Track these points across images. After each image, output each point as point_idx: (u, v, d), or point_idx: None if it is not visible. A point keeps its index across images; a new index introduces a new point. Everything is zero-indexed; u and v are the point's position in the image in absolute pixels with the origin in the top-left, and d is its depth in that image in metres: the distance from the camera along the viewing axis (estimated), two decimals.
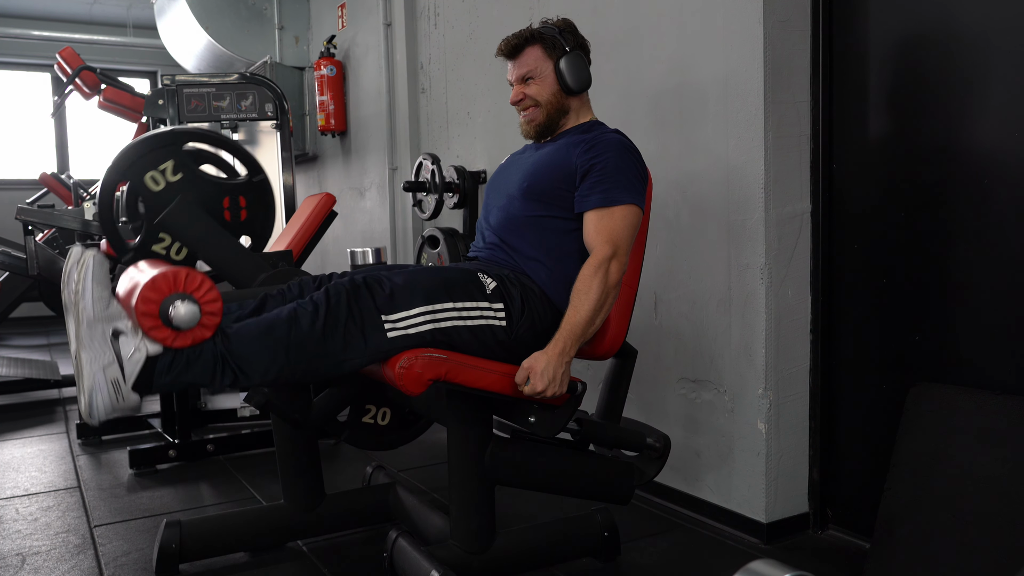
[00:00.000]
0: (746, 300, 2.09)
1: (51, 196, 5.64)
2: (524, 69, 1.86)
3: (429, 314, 1.60)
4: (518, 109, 1.90)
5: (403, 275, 1.64)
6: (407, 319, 1.58)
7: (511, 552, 1.82)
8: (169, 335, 1.46)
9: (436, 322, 1.61)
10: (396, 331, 1.57)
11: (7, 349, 5.59)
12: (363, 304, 1.56)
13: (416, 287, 1.61)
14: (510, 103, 1.90)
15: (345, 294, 1.56)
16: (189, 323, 1.45)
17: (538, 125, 1.88)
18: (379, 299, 1.57)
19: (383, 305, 1.57)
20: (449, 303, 1.63)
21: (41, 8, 7.06)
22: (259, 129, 3.75)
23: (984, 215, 1.77)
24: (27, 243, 3.11)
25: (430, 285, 1.62)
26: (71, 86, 4.34)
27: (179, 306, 1.44)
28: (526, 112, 1.88)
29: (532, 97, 1.86)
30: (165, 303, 1.44)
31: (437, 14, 3.54)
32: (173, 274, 1.46)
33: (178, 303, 1.44)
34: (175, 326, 1.45)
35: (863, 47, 2.00)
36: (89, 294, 1.44)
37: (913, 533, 1.68)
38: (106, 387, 1.45)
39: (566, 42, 1.84)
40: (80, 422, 3.23)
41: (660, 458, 1.88)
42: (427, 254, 3.27)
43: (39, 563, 2.04)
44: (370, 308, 1.56)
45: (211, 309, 1.48)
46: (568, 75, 1.83)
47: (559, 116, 1.88)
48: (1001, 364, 1.75)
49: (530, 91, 1.86)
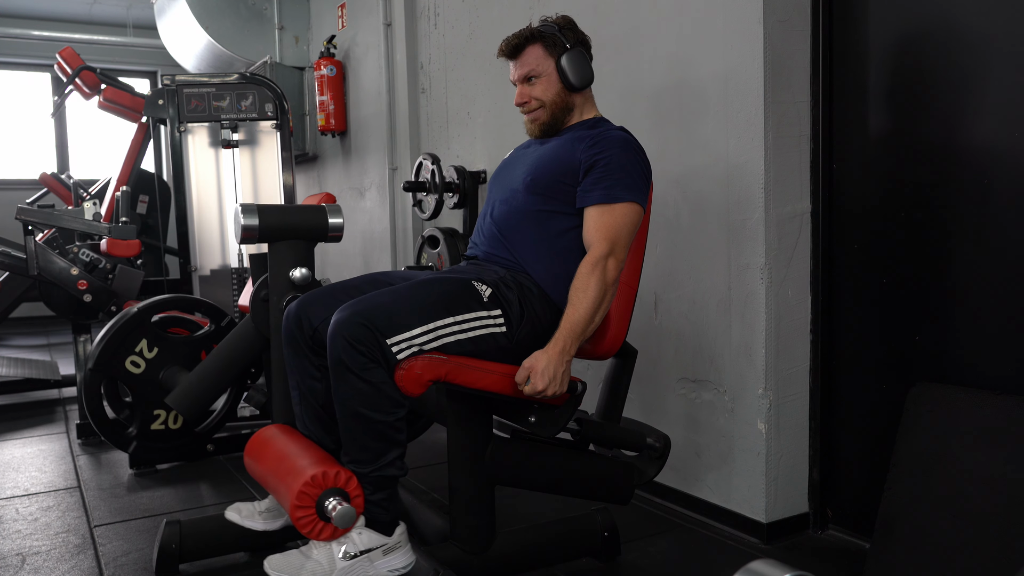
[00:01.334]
0: (746, 300, 2.09)
1: (51, 196, 5.63)
2: (526, 69, 1.85)
3: (431, 332, 1.60)
4: (522, 110, 1.90)
5: (399, 293, 1.63)
6: (411, 339, 1.58)
7: (511, 552, 1.82)
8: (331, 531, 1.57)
9: (439, 339, 1.61)
10: (403, 352, 1.57)
11: (7, 349, 5.59)
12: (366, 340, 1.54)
13: (414, 306, 1.60)
14: (515, 104, 1.90)
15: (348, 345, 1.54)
16: (350, 521, 1.55)
17: (543, 124, 1.88)
18: (378, 324, 1.55)
19: (383, 328, 1.55)
20: (449, 318, 1.63)
21: (41, 8, 7.06)
22: (259, 129, 3.74)
23: (984, 215, 1.77)
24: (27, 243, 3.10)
25: (428, 302, 1.62)
26: (71, 86, 4.34)
27: (335, 514, 1.52)
28: (531, 113, 1.88)
29: (537, 98, 1.86)
30: (320, 510, 1.54)
31: (437, 14, 3.54)
32: (313, 481, 1.54)
33: (331, 508, 1.53)
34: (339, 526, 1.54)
35: (863, 46, 2.00)
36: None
37: (913, 533, 1.67)
38: (392, 559, 1.61)
39: (567, 39, 1.83)
40: (80, 422, 3.23)
41: (660, 458, 1.88)
42: (427, 254, 3.27)
43: (39, 563, 2.04)
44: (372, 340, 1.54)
45: (354, 487, 1.57)
46: (570, 72, 1.83)
47: (563, 114, 1.87)
48: (1001, 364, 1.74)
49: (535, 92, 1.85)
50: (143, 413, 2.61)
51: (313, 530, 1.54)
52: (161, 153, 5.72)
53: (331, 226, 2.02)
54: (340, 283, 1.83)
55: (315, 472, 1.54)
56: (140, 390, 2.59)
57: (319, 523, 1.54)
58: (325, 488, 1.54)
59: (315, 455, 1.64)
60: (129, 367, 2.56)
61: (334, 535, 1.56)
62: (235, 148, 3.69)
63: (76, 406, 3.38)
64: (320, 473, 1.54)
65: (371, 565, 1.59)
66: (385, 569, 1.60)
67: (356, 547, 1.58)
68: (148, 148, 4.51)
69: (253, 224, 1.93)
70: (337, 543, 1.58)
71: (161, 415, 2.65)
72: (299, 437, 1.77)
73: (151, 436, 2.67)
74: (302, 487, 1.53)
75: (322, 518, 1.54)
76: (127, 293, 3.25)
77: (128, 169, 4.43)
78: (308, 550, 1.60)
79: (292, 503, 1.53)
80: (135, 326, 2.54)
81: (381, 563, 1.60)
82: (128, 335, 2.54)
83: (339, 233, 2.04)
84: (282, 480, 1.61)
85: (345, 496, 1.55)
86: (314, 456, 1.64)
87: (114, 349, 2.53)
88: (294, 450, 1.69)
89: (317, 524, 1.54)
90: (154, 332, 2.58)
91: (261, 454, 1.78)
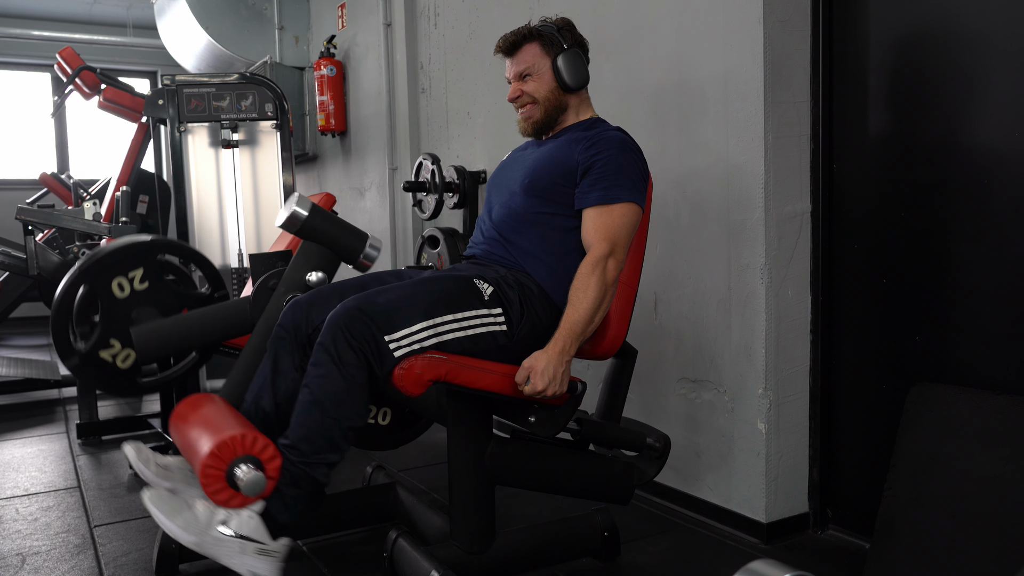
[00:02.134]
0: (746, 300, 2.09)
1: (51, 196, 5.63)
2: (522, 66, 1.86)
3: (432, 328, 1.61)
4: (516, 106, 1.91)
5: (401, 290, 1.64)
6: (410, 336, 1.58)
7: (511, 552, 1.82)
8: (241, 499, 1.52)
9: (439, 336, 1.61)
10: (401, 349, 1.57)
11: (7, 349, 5.59)
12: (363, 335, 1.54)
13: (416, 303, 1.61)
14: (508, 100, 1.91)
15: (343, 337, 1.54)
16: (257, 491, 1.50)
17: (536, 122, 1.88)
18: (378, 320, 1.56)
19: (383, 325, 1.56)
20: (450, 315, 1.63)
21: (41, 8, 7.06)
22: (259, 129, 3.74)
23: (984, 215, 1.77)
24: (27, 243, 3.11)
25: (429, 299, 1.62)
26: (71, 86, 4.33)
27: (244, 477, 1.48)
28: (524, 109, 1.89)
29: (529, 94, 1.86)
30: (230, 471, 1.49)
31: (437, 14, 3.54)
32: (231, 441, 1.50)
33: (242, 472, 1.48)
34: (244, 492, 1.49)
35: (863, 47, 2.00)
36: (173, 527, 1.51)
37: (913, 533, 1.67)
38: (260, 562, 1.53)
39: (564, 40, 1.84)
40: (80, 422, 3.23)
41: (660, 458, 1.88)
42: (427, 254, 3.27)
43: (39, 563, 2.04)
44: (369, 336, 1.55)
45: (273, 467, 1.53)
46: (565, 72, 1.83)
47: (557, 113, 1.88)
48: (1001, 364, 1.74)
49: (528, 88, 1.86)
50: (100, 336, 2.49)
51: (217, 491, 1.48)
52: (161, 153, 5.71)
53: (366, 255, 2.03)
54: (348, 281, 1.83)
55: (235, 434, 1.49)
56: (111, 313, 2.48)
57: (225, 487, 1.48)
58: (241, 453, 1.49)
59: (244, 423, 1.59)
60: (114, 288, 2.46)
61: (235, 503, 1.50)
62: (235, 148, 3.69)
63: (76, 406, 3.38)
64: (240, 435, 1.49)
65: (238, 553, 1.51)
66: (247, 567, 1.52)
67: (238, 527, 1.52)
68: (148, 148, 4.51)
69: (302, 215, 1.92)
70: (224, 510, 1.52)
71: (116, 347, 2.52)
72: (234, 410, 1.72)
73: (95, 362, 2.51)
74: (219, 443, 1.47)
75: (230, 484, 1.48)
76: None
77: (128, 169, 4.43)
78: (193, 500, 1.55)
79: (203, 460, 1.46)
80: (139, 252, 2.47)
81: (248, 559, 1.52)
82: (128, 257, 2.45)
83: (370, 264, 2.05)
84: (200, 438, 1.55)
85: (259, 464, 1.49)
86: (243, 424, 1.58)
87: (109, 264, 2.45)
88: (225, 416, 1.64)
89: (223, 487, 1.48)
90: (153, 267, 2.50)
91: (190, 413, 1.71)
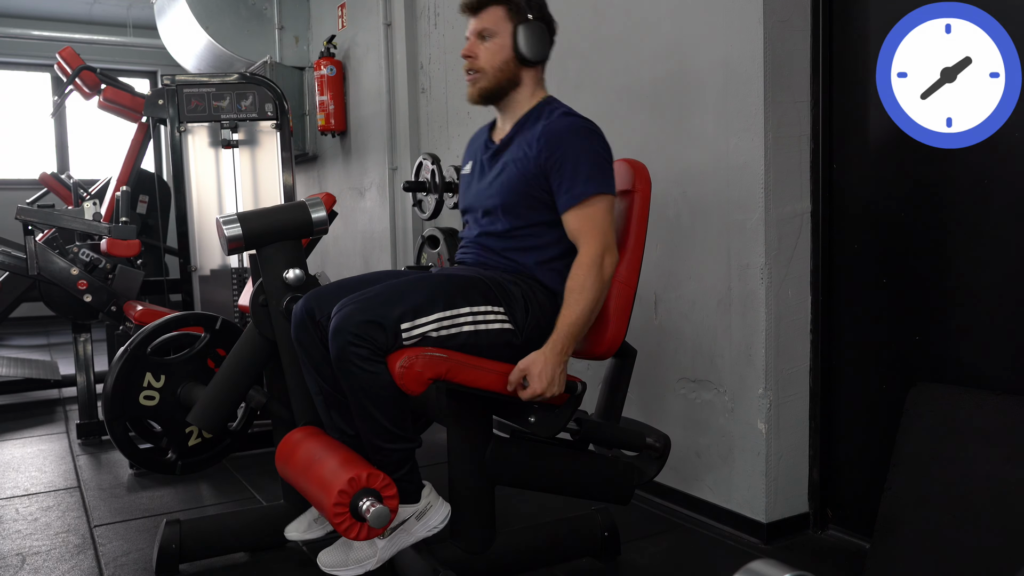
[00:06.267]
0: (746, 300, 2.09)
1: (51, 196, 5.62)
2: (482, 25, 1.80)
3: (446, 319, 1.62)
4: (465, 67, 1.84)
5: (409, 283, 1.65)
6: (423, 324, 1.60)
7: (511, 552, 1.82)
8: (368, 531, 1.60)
9: (451, 327, 1.62)
10: (413, 339, 1.59)
11: (7, 349, 5.60)
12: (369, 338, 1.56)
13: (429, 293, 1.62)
14: (461, 55, 1.84)
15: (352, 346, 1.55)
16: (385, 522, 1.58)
17: (483, 90, 1.82)
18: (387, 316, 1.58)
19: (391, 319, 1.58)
20: (466, 308, 1.64)
21: (41, 8, 7.05)
22: (259, 129, 3.74)
23: (984, 215, 1.77)
24: (27, 243, 3.10)
25: (443, 290, 1.64)
26: (71, 86, 4.33)
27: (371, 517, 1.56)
28: (472, 75, 1.83)
29: (483, 56, 1.80)
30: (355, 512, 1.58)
31: (437, 14, 3.54)
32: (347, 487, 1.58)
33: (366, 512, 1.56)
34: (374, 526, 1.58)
35: (863, 46, 2.00)
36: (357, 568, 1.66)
37: (913, 533, 1.67)
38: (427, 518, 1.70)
39: (531, 10, 1.79)
40: (80, 422, 3.23)
41: (660, 458, 1.88)
42: (427, 254, 3.27)
43: (39, 563, 2.04)
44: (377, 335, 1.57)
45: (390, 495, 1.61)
46: (524, 42, 1.77)
47: (509, 86, 1.82)
48: (1001, 364, 1.74)
49: (484, 49, 1.80)
50: (176, 436, 2.60)
51: (352, 531, 1.58)
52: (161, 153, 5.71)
53: (315, 221, 1.97)
54: (350, 279, 1.82)
55: (346, 478, 1.57)
56: (164, 417, 2.58)
57: (357, 524, 1.58)
58: (357, 490, 1.58)
59: (342, 457, 1.67)
60: (144, 402, 2.54)
61: (376, 533, 1.62)
62: (235, 148, 3.69)
63: (76, 406, 3.38)
64: (349, 479, 1.57)
65: (408, 533, 1.68)
66: (424, 531, 1.69)
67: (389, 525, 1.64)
68: (148, 148, 4.51)
69: (237, 234, 1.89)
70: None
71: (194, 431, 2.64)
72: (324, 438, 1.79)
73: (192, 452, 2.65)
74: (337, 496, 1.56)
75: (357, 519, 1.58)
76: (127, 293, 3.24)
77: (128, 169, 4.42)
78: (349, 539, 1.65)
79: (330, 511, 1.58)
80: (134, 365, 2.52)
81: (417, 527, 1.69)
82: (130, 375, 2.51)
83: (324, 226, 2.00)
84: (316, 487, 1.66)
85: (377, 496, 1.58)
86: (342, 458, 1.67)
87: (123, 393, 2.50)
88: (321, 454, 1.72)
89: (355, 525, 1.58)
90: (154, 362, 2.56)
91: (290, 459, 1.81)
